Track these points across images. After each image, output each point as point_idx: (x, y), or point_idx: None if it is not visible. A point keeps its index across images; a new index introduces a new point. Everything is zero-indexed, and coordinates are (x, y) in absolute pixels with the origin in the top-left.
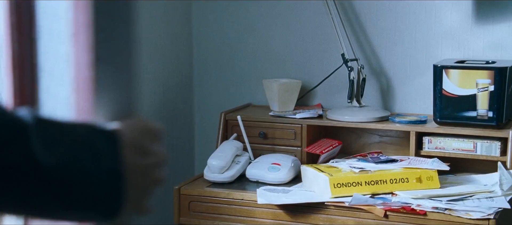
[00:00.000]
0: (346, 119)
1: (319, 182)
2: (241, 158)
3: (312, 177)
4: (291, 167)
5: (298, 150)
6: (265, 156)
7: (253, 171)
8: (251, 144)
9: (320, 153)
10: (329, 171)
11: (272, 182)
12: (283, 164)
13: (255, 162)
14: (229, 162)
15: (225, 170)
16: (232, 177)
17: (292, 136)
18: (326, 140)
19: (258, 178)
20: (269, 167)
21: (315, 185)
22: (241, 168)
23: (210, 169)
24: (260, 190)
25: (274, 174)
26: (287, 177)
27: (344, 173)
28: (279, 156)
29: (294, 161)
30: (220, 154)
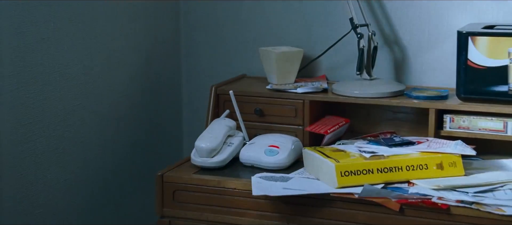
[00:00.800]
0: (355, 93)
1: (324, 169)
2: (234, 138)
3: (316, 163)
4: (291, 150)
5: (299, 129)
6: (261, 136)
7: (247, 154)
8: (246, 122)
9: (325, 132)
10: (335, 156)
11: (270, 167)
12: (282, 146)
13: (250, 144)
14: (220, 144)
15: (215, 153)
16: (224, 161)
17: (292, 113)
18: (332, 118)
19: (253, 162)
20: (266, 149)
21: (319, 172)
22: (234, 150)
23: (198, 153)
24: (256, 178)
25: (271, 158)
26: (286, 162)
27: (353, 158)
28: (278, 137)
29: (295, 142)
30: (209, 134)
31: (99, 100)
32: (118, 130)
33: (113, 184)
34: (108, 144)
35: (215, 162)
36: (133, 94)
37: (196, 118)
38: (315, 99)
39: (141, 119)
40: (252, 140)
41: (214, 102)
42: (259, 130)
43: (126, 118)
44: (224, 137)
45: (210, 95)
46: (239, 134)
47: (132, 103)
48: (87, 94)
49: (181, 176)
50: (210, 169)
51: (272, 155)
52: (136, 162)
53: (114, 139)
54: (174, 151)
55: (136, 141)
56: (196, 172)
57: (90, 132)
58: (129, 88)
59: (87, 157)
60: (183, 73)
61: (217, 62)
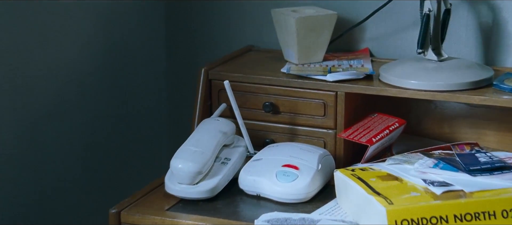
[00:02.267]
0: (415, 84)
1: (369, 211)
2: (231, 151)
3: (355, 198)
4: (317, 172)
5: (329, 135)
6: (273, 147)
7: (251, 177)
8: (250, 124)
9: (368, 142)
10: (386, 190)
11: (284, 200)
12: (303, 165)
13: (255, 161)
14: (210, 162)
15: (201, 177)
16: (214, 189)
17: (319, 110)
18: (379, 117)
19: (260, 190)
20: (278, 171)
21: (361, 214)
22: (230, 171)
23: (176, 177)
24: (261, 221)
25: (287, 186)
26: (309, 191)
27: (415, 196)
28: (297, 149)
29: (323, 158)
30: (193, 147)
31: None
32: (57, 136)
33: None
34: (48, 157)
35: (201, 191)
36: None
37: (180, 117)
38: (354, 91)
39: (95, 116)
40: (258, 153)
41: (204, 92)
42: (270, 136)
43: (71, 114)
44: (216, 149)
45: (199, 81)
46: (239, 143)
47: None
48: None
49: (147, 214)
50: (193, 202)
51: (288, 181)
52: (87, 189)
53: (59, 150)
54: (146, 168)
55: (91, 156)
56: (172, 207)
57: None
58: (85, 67)
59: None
60: (163, 46)
61: (212, 30)
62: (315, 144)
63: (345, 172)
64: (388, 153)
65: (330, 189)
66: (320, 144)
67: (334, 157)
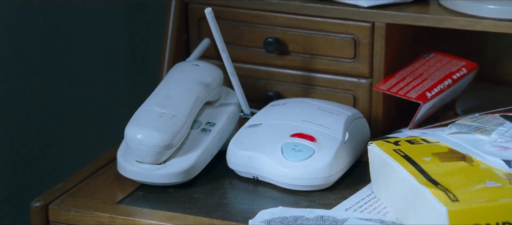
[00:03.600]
0: (494, 11)
1: (421, 209)
2: (216, 112)
3: (400, 187)
4: (343, 145)
5: (361, 87)
6: (278, 106)
7: (245, 153)
8: (246, 71)
9: (421, 99)
10: (446, 174)
11: (292, 186)
12: (321, 133)
13: (251, 127)
14: (184, 130)
15: (171, 152)
16: (189, 171)
17: (347, 50)
18: (437, 59)
19: (258, 171)
20: (285, 144)
21: (410, 213)
22: (214, 143)
23: (134, 152)
24: (258, 222)
25: (297, 166)
26: (330, 174)
27: (491, 186)
28: (313, 109)
29: (352, 122)
30: (158, 109)
31: None
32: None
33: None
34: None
35: (171, 173)
36: None
37: (145, 59)
38: (400, 22)
39: None
40: (257, 115)
41: (176, 22)
42: (274, 88)
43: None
44: (193, 110)
45: (169, 7)
46: (228, 100)
47: None
48: None
49: (88, 209)
50: (159, 190)
51: (300, 158)
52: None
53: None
54: (95, 137)
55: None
56: (127, 197)
57: None
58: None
59: None
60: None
61: None
62: (340, 101)
63: (384, 146)
64: (451, 113)
65: (362, 170)
66: (347, 100)
67: (369, 121)
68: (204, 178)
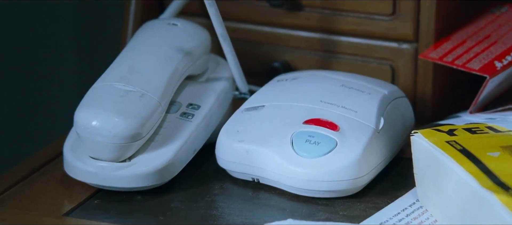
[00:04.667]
0: None
1: (486, 222)
2: (201, 90)
3: (457, 193)
4: (376, 136)
5: (403, 55)
6: (286, 82)
7: (241, 146)
8: (242, 32)
9: (486, 71)
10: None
11: (306, 192)
12: (347, 119)
13: (250, 111)
14: (157, 114)
15: (139, 145)
16: (165, 172)
17: (383, 4)
18: (510, 14)
19: (259, 172)
20: (297, 134)
21: (469, 223)
22: (199, 132)
23: (88, 144)
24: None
25: (313, 164)
26: (359, 175)
27: None
28: (335, 85)
29: (389, 104)
30: (121, 85)
31: None
32: None
33: None
34: None
35: (139, 174)
36: None
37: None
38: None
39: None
40: (257, 94)
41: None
42: (282, 56)
43: None
44: (169, 87)
45: None
46: (218, 74)
47: None
48: None
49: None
50: (124, 196)
51: (317, 153)
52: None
53: None
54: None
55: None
56: (77, 208)
57: None
58: None
59: None
60: None
61: None
62: (373, 75)
63: (435, 136)
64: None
65: (402, 169)
66: (383, 73)
67: (413, 102)
68: (185, 181)
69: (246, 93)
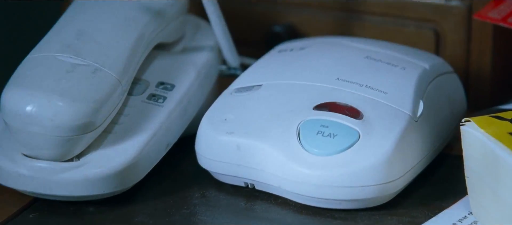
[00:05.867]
0: None
1: None
2: (176, 63)
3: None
4: (412, 123)
5: (452, 13)
6: (291, 52)
7: (231, 140)
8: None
9: None
10: None
11: (317, 203)
12: (373, 102)
13: (241, 92)
14: (116, 97)
15: (92, 138)
16: (127, 174)
17: None
18: None
19: (253, 174)
20: (305, 123)
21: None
22: (173, 121)
23: (19, 138)
24: None
25: (327, 162)
26: (390, 178)
27: None
28: (357, 56)
29: (431, 82)
30: (65, 57)
31: None
32: None
33: None
34: None
35: (91, 177)
36: None
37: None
38: None
39: None
40: (252, 68)
41: None
42: (286, 17)
43: None
44: (131, 60)
45: None
46: (199, 41)
47: None
48: None
49: None
50: (71, 208)
51: (335, 148)
52: None
53: None
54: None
55: None
56: (6, 222)
57: None
58: None
59: None
60: None
61: None
62: (410, 42)
63: (493, 126)
64: None
65: (449, 170)
66: (424, 41)
67: (465, 80)
68: (154, 187)
69: (237, 68)
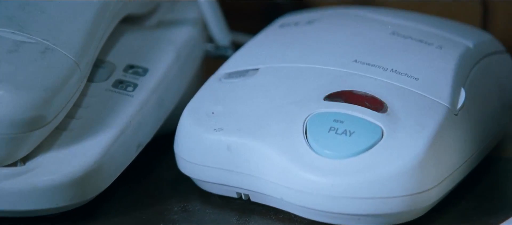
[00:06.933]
0: None
1: None
2: (151, 43)
3: None
4: (451, 117)
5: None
6: (295, 27)
7: (219, 138)
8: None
9: None
10: None
11: (335, 219)
12: (400, 90)
13: (234, 78)
14: (74, 83)
15: (41, 133)
16: (87, 183)
17: None
18: None
19: (249, 183)
20: (314, 117)
21: None
22: (146, 115)
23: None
24: None
25: (346, 167)
26: (424, 186)
27: None
28: (380, 32)
29: (476, 61)
30: (8, 32)
31: None
32: None
33: None
34: None
35: (41, 187)
36: None
37: None
38: None
39: None
40: (246, 48)
41: None
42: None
43: None
44: (92, 37)
45: None
46: (179, 16)
47: None
48: None
49: None
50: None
51: (352, 148)
52: None
53: None
54: None
55: None
56: None
57: None
58: None
59: None
60: None
61: None
62: (449, 14)
63: None
64: None
65: (499, 176)
66: (467, 11)
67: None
68: (122, 199)
69: (227, 47)
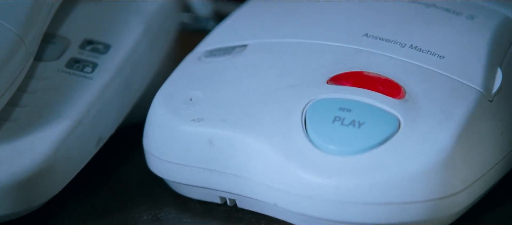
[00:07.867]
0: None
1: None
2: (114, 15)
3: None
4: (486, 103)
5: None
6: None
7: (198, 130)
8: None
9: None
10: None
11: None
12: (422, 71)
13: (216, 56)
14: (17, 64)
15: None
16: (34, 186)
17: None
18: None
19: (234, 185)
20: (315, 104)
21: None
22: (108, 103)
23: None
24: None
25: (356, 166)
26: (452, 189)
27: None
28: (397, 6)
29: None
30: None
31: None
32: None
33: None
34: None
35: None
36: None
37: None
38: None
39: None
40: (232, 19)
41: None
42: None
43: None
44: (39, 8)
45: None
46: None
47: None
48: None
49: None
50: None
51: (363, 143)
52: None
53: None
54: None
55: None
56: None
57: None
58: None
59: None
60: None
61: None
62: None
63: None
64: None
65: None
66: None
67: None
68: (80, 205)
69: (208, 18)
